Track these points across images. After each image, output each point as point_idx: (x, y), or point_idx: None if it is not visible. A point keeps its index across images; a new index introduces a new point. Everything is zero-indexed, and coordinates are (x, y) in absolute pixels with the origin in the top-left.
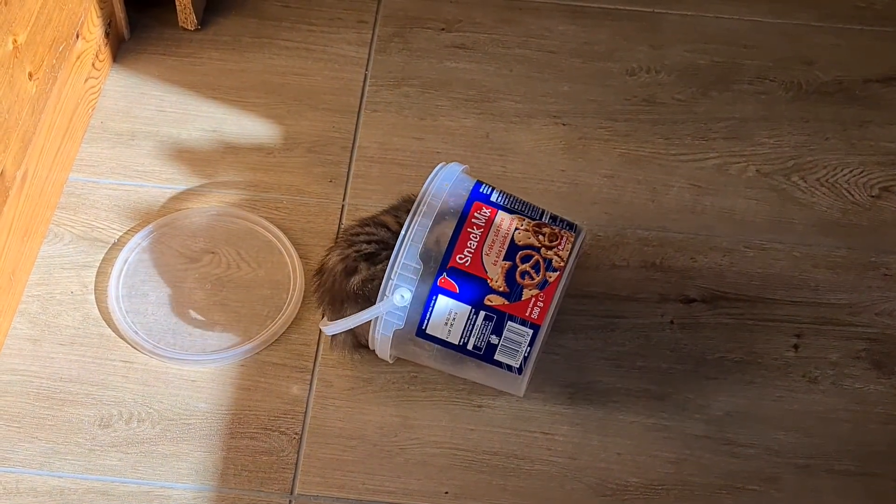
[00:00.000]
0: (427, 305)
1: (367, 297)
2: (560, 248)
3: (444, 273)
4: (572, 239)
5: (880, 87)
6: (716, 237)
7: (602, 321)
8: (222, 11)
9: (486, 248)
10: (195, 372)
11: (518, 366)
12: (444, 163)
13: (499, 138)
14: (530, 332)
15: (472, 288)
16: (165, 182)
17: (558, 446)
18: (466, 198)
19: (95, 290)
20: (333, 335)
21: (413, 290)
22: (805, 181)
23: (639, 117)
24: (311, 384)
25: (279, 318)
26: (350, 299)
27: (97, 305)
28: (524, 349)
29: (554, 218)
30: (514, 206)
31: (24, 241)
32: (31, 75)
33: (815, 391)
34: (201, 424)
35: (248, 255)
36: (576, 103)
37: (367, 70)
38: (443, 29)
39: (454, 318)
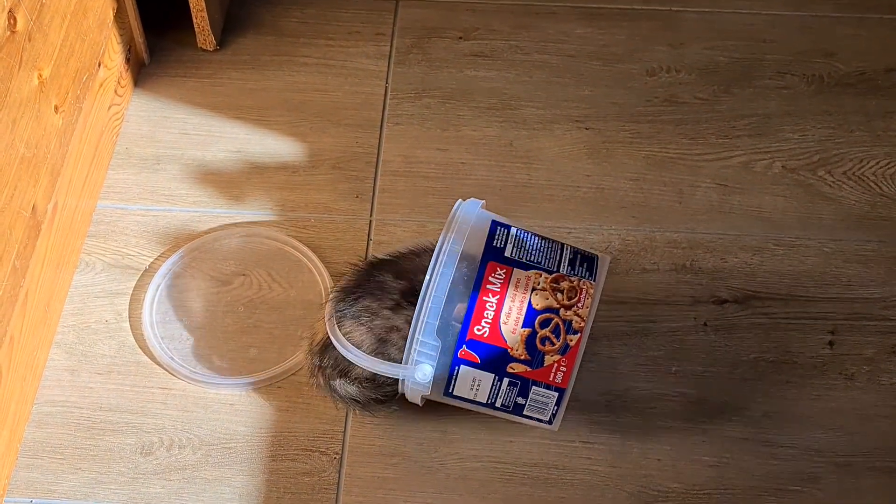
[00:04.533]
0: (451, 374)
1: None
2: (579, 305)
3: (464, 345)
4: (592, 290)
5: None
6: (745, 236)
7: (635, 326)
8: (240, 30)
9: (503, 317)
10: (233, 396)
11: (548, 419)
12: (460, 199)
13: (522, 146)
14: (556, 394)
15: (492, 358)
16: (193, 205)
17: (598, 455)
18: (480, 259)
19: (129, 317)
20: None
21: (434, 364)
22: (832, 175)
23: (661, 118)
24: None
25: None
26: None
27: (132, 333)
28: (552, 408)
29: (573, 260)
30: (531, 258)
31: (57, 272)
32: (56, 108)
33: (853, 388)
34: (242, 448)
35: (278, 276)
36: (598, 107)
37: (387, 83)
38: (461, 38)
39: (479, 384)
